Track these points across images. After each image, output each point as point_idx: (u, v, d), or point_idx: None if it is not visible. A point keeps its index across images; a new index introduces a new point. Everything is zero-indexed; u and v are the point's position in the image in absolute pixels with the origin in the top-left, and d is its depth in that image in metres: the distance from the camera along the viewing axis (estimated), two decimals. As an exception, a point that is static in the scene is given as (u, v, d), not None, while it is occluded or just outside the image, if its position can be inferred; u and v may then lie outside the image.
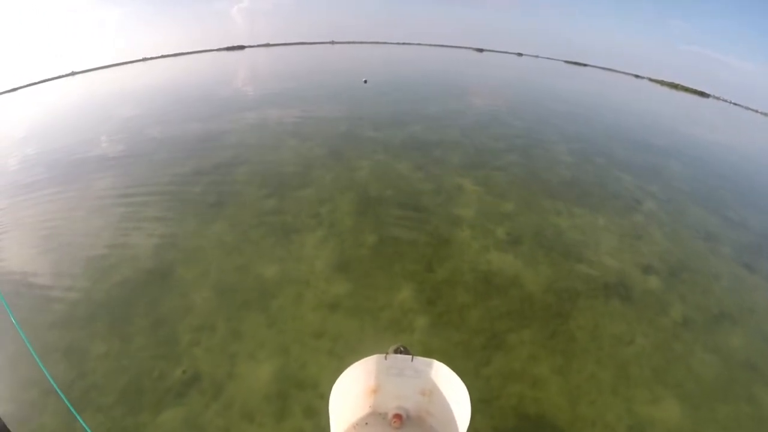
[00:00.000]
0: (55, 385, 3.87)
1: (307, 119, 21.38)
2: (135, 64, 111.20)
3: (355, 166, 14.14)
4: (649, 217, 12.63)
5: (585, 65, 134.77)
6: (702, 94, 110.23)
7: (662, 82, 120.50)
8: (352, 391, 3.71)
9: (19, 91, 64.39)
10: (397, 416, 3.82)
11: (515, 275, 9.18)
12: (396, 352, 4.12)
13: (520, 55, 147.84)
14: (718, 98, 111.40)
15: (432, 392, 3.72)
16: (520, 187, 13.39)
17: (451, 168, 14.42)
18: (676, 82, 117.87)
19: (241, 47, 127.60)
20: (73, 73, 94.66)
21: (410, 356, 3.72)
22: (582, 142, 20.33)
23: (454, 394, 3.54)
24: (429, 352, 6.60)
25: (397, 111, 23.86)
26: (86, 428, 3.79)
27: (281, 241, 9.99)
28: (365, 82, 37.26)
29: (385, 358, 3.69)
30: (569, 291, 8.84)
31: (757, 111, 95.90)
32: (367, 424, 3.84)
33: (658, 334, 7.81)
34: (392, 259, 9.35)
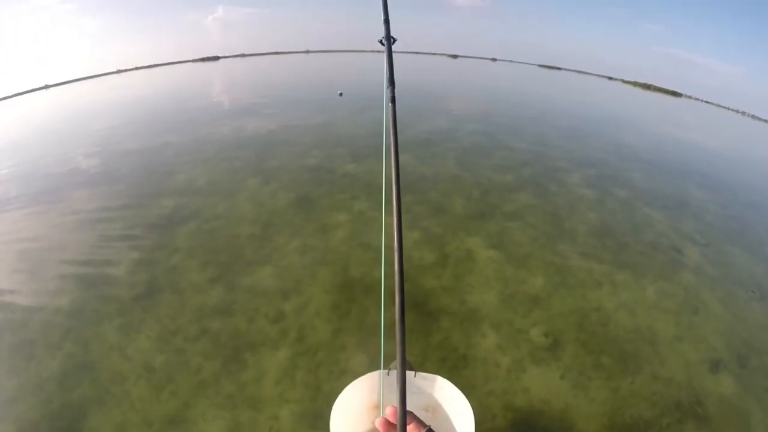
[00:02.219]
0: None
1: (273, 147, 17.72)
2: (109, 76, 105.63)
3: (330, 222, 10.62)
4: (697, 275, 9.79)
5: (559, 69, 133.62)
6: (674, 93, 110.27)
7: (635, 83, 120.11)
8: (353, 407, 2.28)
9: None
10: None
11: (564, 409, 6.03)
12: None
13: (494, 60, 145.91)
14: (690, 97, 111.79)
15: (435, 409, 2.25)
16: (545, 246, 10.16)
17: (455, 220, 11.03)
18: (649, 82, 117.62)
19: (216, 58, 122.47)
20: (46, 86, 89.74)
21: (413, 372, 2.22)
22: (594, 166, 17.28)
23: (457, 411, 2.10)
24: None
25: (377, 134, 20.35)
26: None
27: (230, 366, 6.55)
28: (340, 95, 33.63)
29: (388, 374, 2.26)
30: (636, 427, 5.90)
31: (728, 108, 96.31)
32: None
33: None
34: (390, 403, 5.96)
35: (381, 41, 2.42)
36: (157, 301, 8.06)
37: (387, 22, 2.45)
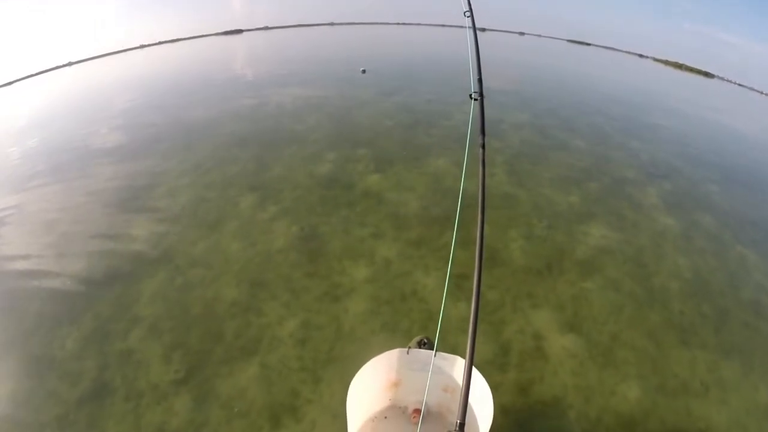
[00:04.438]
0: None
1: (278, 144, 14.37)
2: (133, 51, 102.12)
3: (344, 282, 7.50)
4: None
5: (588, 44, 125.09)
6: (706, 74, 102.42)
7: (666, 62, 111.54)
8: (372, 384, 3.24)
9: (14, 84, 57.54)
10: (417, 411, 3.32)
11: None
12: (420, 343, 3.81)
13: (522, 34, 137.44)
14: (722, 78, 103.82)
15: (454, 389, 3.17)
16: (634, 322, 7.05)
17: (514, 278, 7.77)
18: (680, 61, 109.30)
19: (239, 31, 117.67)
20: (70, 63, 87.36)
21: (433, 351, 3.14)
22: (667, 177, 13.81)
23: (476, 393, 2.84)
24: None
25: (406, 125, 16.94)
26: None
27: None
28: (363, 72, 29.68)
29: (407, 352, 3.20)
30: None
31: (761, 92, 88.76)
32: (386, 417, 3.38)
33: None
34: None
35: (471, 96, 3.21)
36: (106, 409, 5.39)
37: (480, 83, 3.24)
